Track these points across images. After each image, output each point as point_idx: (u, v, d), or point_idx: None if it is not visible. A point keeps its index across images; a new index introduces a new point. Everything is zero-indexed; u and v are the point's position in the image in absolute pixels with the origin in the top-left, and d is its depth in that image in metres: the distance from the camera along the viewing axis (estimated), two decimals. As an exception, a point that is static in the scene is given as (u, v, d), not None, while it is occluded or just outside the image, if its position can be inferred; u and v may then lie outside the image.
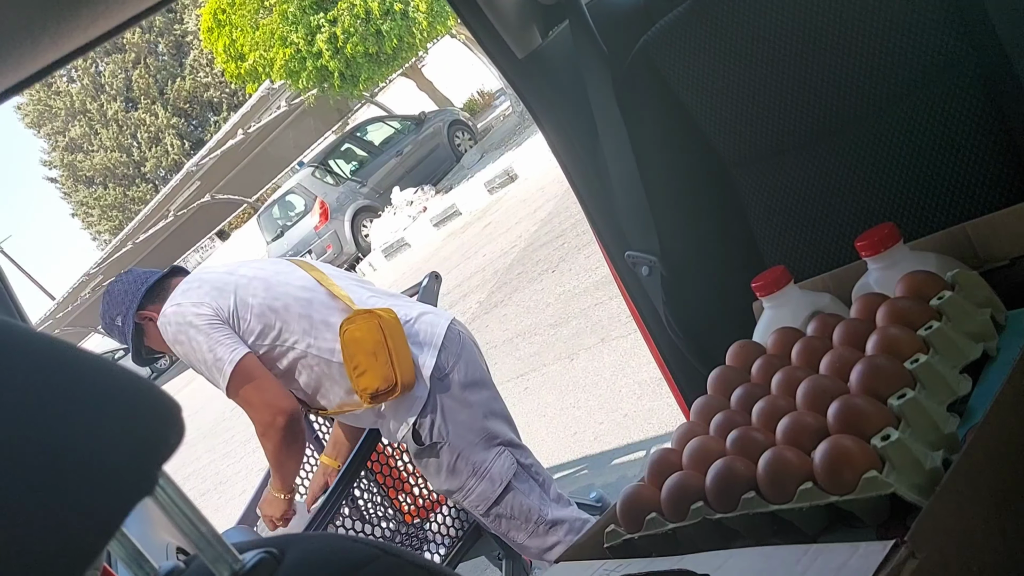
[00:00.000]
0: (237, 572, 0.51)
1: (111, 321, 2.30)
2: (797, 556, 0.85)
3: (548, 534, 2.26)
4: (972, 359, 1.01)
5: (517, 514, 2.24)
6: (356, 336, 2.13)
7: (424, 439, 2.20)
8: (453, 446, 2.20)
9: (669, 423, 3.51)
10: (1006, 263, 1.13)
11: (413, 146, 15.23)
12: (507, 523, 2.26)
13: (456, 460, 2.20)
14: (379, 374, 2.12)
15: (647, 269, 1.61)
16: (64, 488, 0.39)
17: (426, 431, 2.19)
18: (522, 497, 2.24)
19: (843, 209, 1.44)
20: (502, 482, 2.23)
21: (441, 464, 2.22)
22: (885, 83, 1.32)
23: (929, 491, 0.84)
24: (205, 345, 2.16)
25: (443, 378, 2.21)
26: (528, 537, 2.26)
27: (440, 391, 2.20)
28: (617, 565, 1.05)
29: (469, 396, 2.24)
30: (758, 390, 1.15)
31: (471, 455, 2.20)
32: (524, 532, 2.26)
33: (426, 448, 2.22)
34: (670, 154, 1.58)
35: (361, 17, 13.38)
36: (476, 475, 2.21)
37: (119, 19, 1.00)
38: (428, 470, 2.27)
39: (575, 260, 6.49)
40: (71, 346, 0.44)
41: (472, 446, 2.21)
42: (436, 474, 2.25)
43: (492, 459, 2.22)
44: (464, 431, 2.21)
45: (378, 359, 2.12)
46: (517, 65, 1.62)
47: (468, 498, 2.24)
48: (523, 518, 2.25)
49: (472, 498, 2.23)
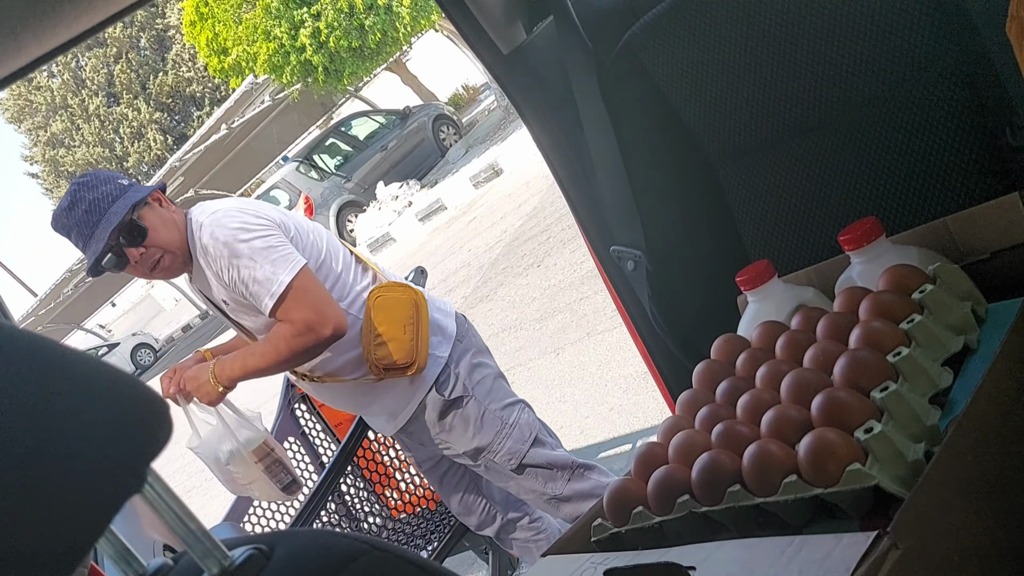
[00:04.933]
0: (226, 568, 0.51)
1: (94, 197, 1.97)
2: (782, 548, 0.86)
3: (586, 478, 2.24)
4: (953, 352, 1.02)
5: (552, 463, 2.21)
6: (389, 305, 2.11)
7: (448, 393, 2.16)
8: (479, 401, 2.18)
9: (655, 416, 3.52)
10: (986, 256, 1.14)
11: (398, 141, 15.20)
12: (543, 475, 2.22)
13: (483, 415, 2.18)
14: (403, 348, 2.09)
15: (632, 263, 1.61)
16: (52, 486, 0.39)
17: (450, 387, 2.16)
18: (549, 450, 2.23)
19: (826, 203, 1.45)
20: (531, 434, 2.21)
21: (468, 419, 2.18)
22: (868, 79, 1.33)
23: (911, 483, 0.85)
24: (265, 243, 1.98)
25: (462, 340, 2.22)
26: (569, 482, 2.23)
27: (459, 353, 2.20)
28: (604, 558, 1.05)
29: (483, 359, 2.26)
30: (743, 383, 1.16)
31: (497, 409, 2.19)
32: (563, 480, 2.23)
33: (452, 403, 2.17)
34: (655, 149, 1.59)
35: (345, 11, 13.33)
36: (505, 428, 2.19)
37: (101, 16, 1.00)
38: (455, 430, 2.20)
39: (560, 254, 6.50)
40: (56, 344, 0.44)
41: (496, 401, 2.20)
42: (464, 431, 2.19)
43: (517, 413, 2.22)
44: (486, 387, 2.21)
45: (405, 334, 2.10)
46: (502, 61, 1.63)
47: (498, 454, 2.20)
48: (559, 466, 2.22)
49: (503, 453, 2.19)
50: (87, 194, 1.95)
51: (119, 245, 1.98)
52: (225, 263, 1.98)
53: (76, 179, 2.00)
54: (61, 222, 1.98)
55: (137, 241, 1.99)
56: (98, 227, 1.95)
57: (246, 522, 3.01)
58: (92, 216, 1.95)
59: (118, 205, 1.96)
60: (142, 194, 2.01)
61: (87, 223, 1.95)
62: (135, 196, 1.99)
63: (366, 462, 2.99)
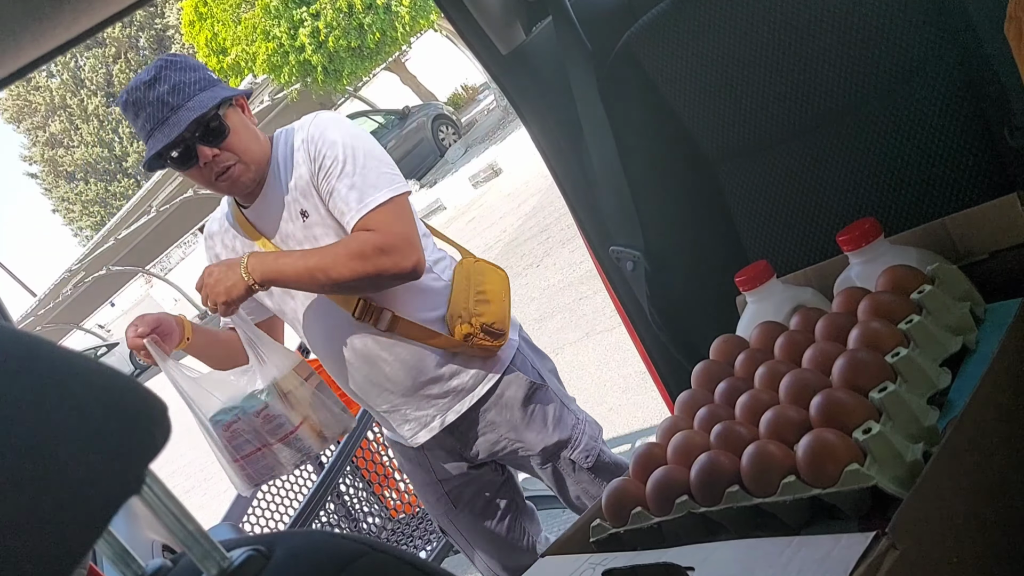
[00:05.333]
0: (225, 570, 0.51)
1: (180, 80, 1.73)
2: (780, 548, 0.86)
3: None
4: (952, 352, 1.02)
5: (618, 463, 2.04)
6: (487, 270, 1.95)
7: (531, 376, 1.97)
8: (555, 391, 2.00)
9: (654, 416, 3.52)
10: (985, 257, 1.14)
11: (397, 140, 15.19)
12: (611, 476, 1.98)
13: (561, 409, 1.98)
14: (503, 313, 1.91)
15: (631, 264, 1.61)
16: (50, 488, 0.39)
17: (529, 371, 1.97)
18: (609, 449, 2.08)
19: (825, 204, 1.46)
20: (600, 431, 2.05)
21: (548, 410, 1.96)
22: (867, 79, 1.33)
23: (910, 483, 0.86)
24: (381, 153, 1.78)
25: (521, 330, 2.07)
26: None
27: (524, 340, 2.06)
28: (603, 559, 1.05)
29: (542, 352, 2.11)
30: (741, 384, 1.16)
31: (569, 404, 2.02)
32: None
33: (536, 388, 1.96)
34: (653, 149, 1.59)
35: (344, 11, 13.34)
36: (579, 423, 2.00)
37: (100, 17, 1.00)
38: (535, 422, 1.95)
39: (559, 254, 6.50)
40: (53, 345, 0.44)
41: (565, 395, 2.04)
42: (544, 423, 1.96)
43: (580, 410, 2.05)
44: (555, 380, 2.05)
45: (505, 300, 1.94)
46: (501, 61, 1.63)
47: (576, 450, 1.98)
48: (624, 467, 2.02)
49: (580, 449, 1.98)
50: (174, 74, 1.72)
51: (193, 139, 1.73)
52: (331, 160, 1.75)
53: (162, 56, 1.77)
54: (135, 97, 1.72)
55: (216, 140, 1.75)
56: (178, 112, 1.70)
57: (245, 522, 3.01)
58: (174, 98, 1.70)
59: (206, 95, 1.73)
60: (232, 93, 1.78)
61: (166, 105, 1.70)
62: (224, 92, 1.77)
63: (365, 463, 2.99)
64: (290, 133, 1.84)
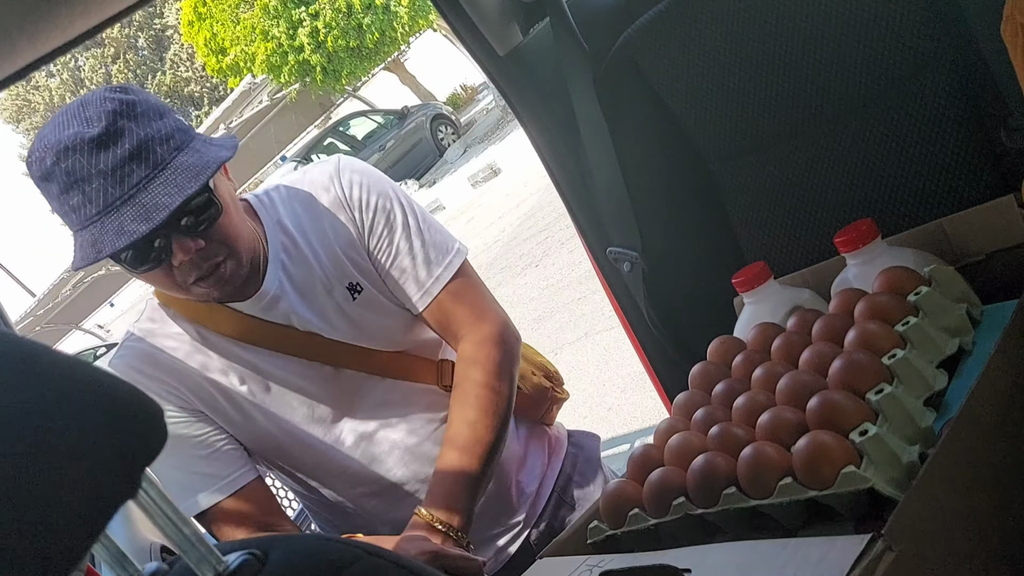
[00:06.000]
0: (221, 573, 0.51)
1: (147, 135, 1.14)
2: (777, 550, 0.86)
3: None
4: (948, 354, 1.02)
5: None
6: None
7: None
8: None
9: (653, 416, 3.53)
10: (982, 258, 1.14)
11: (396, 140, 15.21)
12: None
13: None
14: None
15: (628, 265, 1.61)
16: (46, 491, 0.39)
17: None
18: None
19: (822, 205, 1.46)
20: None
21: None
22: (864, 81, 1.33)
23: (906, 485, 0.86)
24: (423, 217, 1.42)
25: None
26: None
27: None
28: (600, 560, 1.05)
29: None
30: (738, 385, 1.16)
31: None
32: None
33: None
34: (651, 150, 1.59)
35: (343, 11, 13.34)
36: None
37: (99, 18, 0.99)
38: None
39: (558, 254, 6.50)
40: (48, 348, 0.44)
41: None
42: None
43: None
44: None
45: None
46: (498, 62, 1.63)
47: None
48: None
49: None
50: (135, 126, 1.14)
51: (168, 229, 1.17)
52: (383, 219, 1.37)
53: (107, 92, 1.17)
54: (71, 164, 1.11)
55: (201, 227, 1.20)
56: (149, 187, 1.12)
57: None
58: (143, 166, 1.13)
59: (190, 158, 1.16)
60: (226, 151, 1.22)
61: (128, 177, 1.12)
62: (216, 151, 1.21)
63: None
64: (293, 194, 1.41)
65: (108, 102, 1.15)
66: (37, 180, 1.17)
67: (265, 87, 15.12)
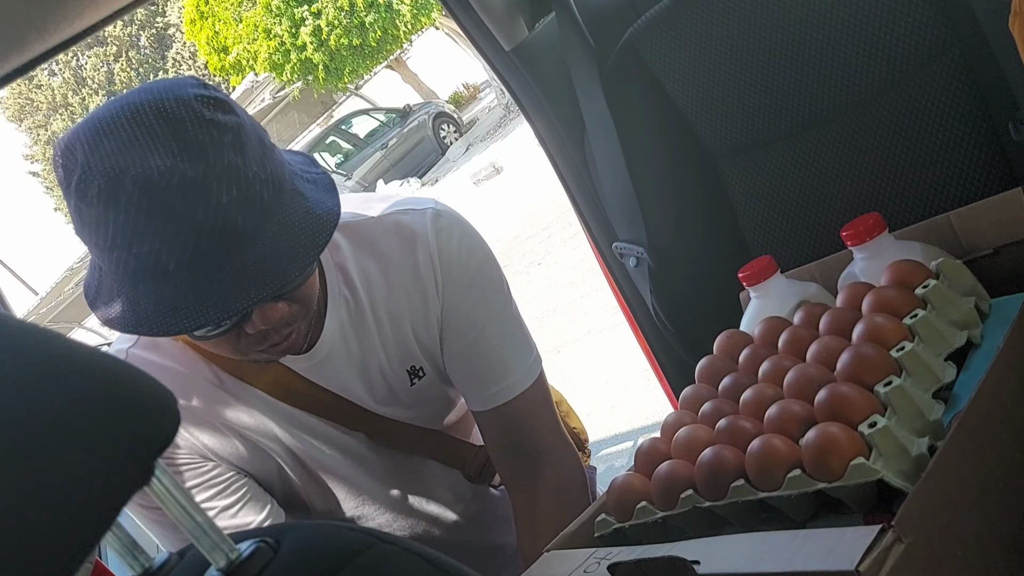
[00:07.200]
0: (233, 561, 0.51)
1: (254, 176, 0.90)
2: (786, 541, 0.86)
3: None
4: (956, 347, 1.02)
5: None
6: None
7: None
8: None
9: (657, 414, 3.53)
10: (990, 252, 1.14)
11: (398, 139, 15.22)
12: None
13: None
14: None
15: (634, 260, 1.61)
16: (58, 480, 0.39)
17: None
18: None
19: (829, 199, 1.45)
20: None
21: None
22: (871, 74, 1.33)
23: (915, 477, 0.85)
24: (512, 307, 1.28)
25: None
26: None
27: None
28: (608, 553, 1.05)
29: None
30: (745, 379, 1.15)
31: None
32: None
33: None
34: (657, 145, 1.59)
35: (345, 9, 13.34)
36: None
37: (105, 12, 1.00)
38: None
39: (561, 252, 6.50)
40: (61, 336, 0.44)
41: None
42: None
43: None
44: None
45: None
46: (504, 57, 1.63)
47: None
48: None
49: None
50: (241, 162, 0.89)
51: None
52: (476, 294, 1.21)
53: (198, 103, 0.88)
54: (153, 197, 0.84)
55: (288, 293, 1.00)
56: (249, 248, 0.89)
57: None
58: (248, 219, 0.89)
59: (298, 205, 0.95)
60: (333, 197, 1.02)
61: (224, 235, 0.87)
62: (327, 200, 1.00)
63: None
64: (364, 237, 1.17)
65: (205, 126, 0.87)
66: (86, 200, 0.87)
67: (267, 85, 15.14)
